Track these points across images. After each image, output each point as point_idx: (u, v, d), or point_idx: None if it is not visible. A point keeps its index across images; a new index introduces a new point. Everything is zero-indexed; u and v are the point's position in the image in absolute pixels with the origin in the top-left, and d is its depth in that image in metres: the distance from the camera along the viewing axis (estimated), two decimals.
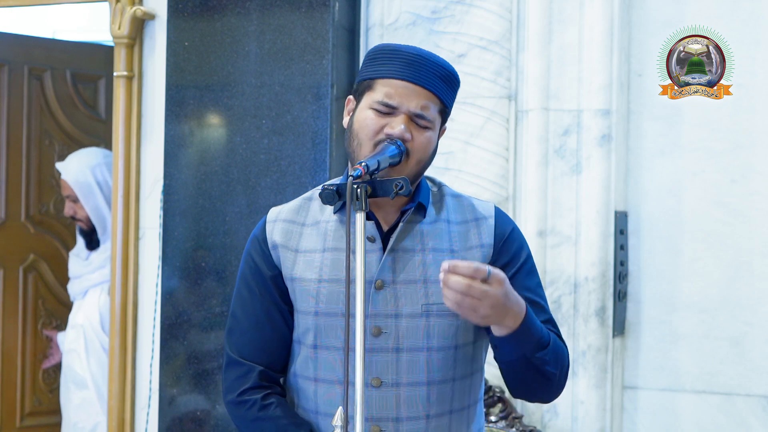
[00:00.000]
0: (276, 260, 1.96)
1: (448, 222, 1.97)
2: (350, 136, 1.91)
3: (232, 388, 1.98)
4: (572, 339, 3.28)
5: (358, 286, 1.69)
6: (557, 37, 3.32)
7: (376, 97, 1.88)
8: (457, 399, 1.96)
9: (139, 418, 3.81)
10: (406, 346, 1.90)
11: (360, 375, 1.65)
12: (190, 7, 3.57)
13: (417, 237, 1.93)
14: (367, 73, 1.92)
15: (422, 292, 1.91)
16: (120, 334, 3.80)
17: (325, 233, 1.94)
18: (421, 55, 1.90)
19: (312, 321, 1.92)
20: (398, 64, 1.88)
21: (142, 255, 3.82)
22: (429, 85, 1.88)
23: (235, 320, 2.00)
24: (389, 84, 1.88)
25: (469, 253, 1.94)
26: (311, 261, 1.93)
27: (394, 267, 1.91)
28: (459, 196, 2.02)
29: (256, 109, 3.48)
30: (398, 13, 3.44)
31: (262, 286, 1.97)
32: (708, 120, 3.31)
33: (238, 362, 1.98)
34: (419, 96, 1.88)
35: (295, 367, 1.97)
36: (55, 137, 4.49)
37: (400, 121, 1.86)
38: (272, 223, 1.99)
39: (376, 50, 1.94)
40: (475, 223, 1.98)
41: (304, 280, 1.93)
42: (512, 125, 3.35)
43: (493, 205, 2.03)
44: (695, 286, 3.32)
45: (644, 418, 3.37)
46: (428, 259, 1.92)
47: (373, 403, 1.89)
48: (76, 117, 4.55)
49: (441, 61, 1.92)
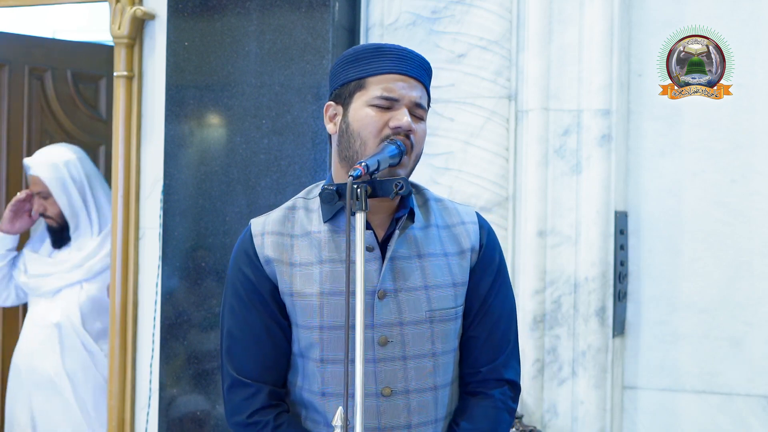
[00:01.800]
0: (271, 275, 1.93)
1: (437, 227, 1.99)
2: (348, 139, 1.90)
3: (240, 409, 1.94)
4: (572, 339, 3.28)
5: (359, 295, 1.68)
6: (557, 37, 3.32)
7: (373, 94, 1.88)
8: (455, 400, 2.01)
9: (139, 418, 3.82)
10: (413, 353, 1.91)
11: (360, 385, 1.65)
12: (190, 7, 3.57)
13: (412, 243, 1.94)
14: (353, 74, 1.91)
15: (425, 298, 1.92)
16: (120, 334, 3.79)
17: (318, 245, 1.92)
18: (405, 49, 1.93)
19: (317, 335, 1.90)
20: (389, 60, 1.89)
21: (142, 255, 3.82)
22: (419, 76, 1.92)
23: (234, 339, 1.96)
24: (385, 79, 1.89)
25: (461, 258, 1.97)
26: (309, 274, 1.91)
27: (395, 275, 1.91)
28: (441, 200, 2.04)
29: (256, 109, 3.48)
30: (398, 13, 3.44)
31: (259, 302, 1.93)
32: (708, 120, 3.31)
33: (243, 383, 1.94)
34: (414, 87, 1.90)
35: (301, 381, 1.95)
36: (55, 137, 4.49)
37: (403, 113, 1.88)
38: (260, 237, 1.95)
39: (356, 52, 1.93)
40: (462, 227, 2.00)
41: (305, 295, 1.91)
42: (512, 125, 3.35)
43: (474, 210, 2.06)
44: (695, 286, 3.32)
45: (644, 418, 3.37)
46: (426, 265, 1.93)
47: (384, 412, 1.90)
48: (76, 117, 4.55)
49: (420, 55, 1.95)
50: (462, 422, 1.97)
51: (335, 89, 1.94)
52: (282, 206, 2.01)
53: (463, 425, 1.97)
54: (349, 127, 1.90)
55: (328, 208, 1.92)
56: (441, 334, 1.93)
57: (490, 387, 2.00)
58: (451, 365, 1.97)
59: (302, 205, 1.98)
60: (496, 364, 2.00)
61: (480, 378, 2.00)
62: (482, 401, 1.99)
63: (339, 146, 1.93)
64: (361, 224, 1.71)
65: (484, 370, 2.00)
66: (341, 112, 1.93)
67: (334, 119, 1.94)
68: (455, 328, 1.96)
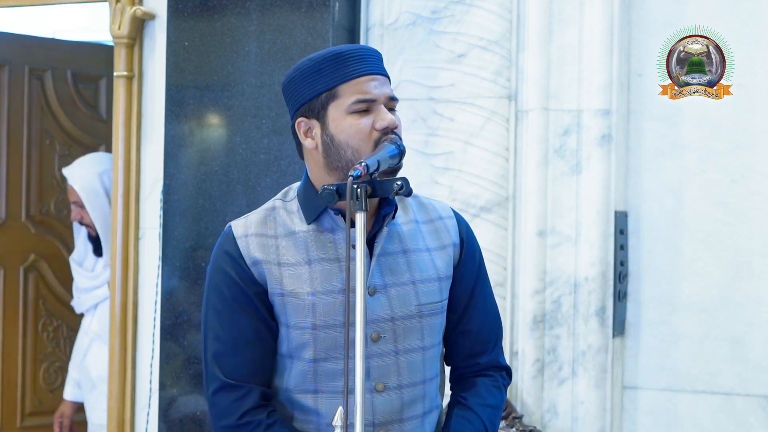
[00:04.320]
0: (259, 277, 1.91)
1: (417, 222, 2.00)
2: (336, 150, 1.88)
3: (229, 411, 1.91)
4: (572, 339, 3.28)
5: (359, 293, 1.68)
6: (557, 37, 3.32)
7: (348, 100, 1.87)
8: (440, 393, 2.05)
9: (139, 418, 3.81)
10: (404, 348, 1.93)
11: (360, 382, 1.65)
12: (190, 7, 3.57)
13: (396, 239, 1.95)
14: (321, 85, 1.89)
15: (413, 293, 1.94)
16: (120, 334, 3.79)
17: (305, 244, 1.92)
18: (362, 47, 1.94)
19: (309, 335, 1.89)
20: (353, 63, 1.89)
21: (142, 255, 3.82)
22: (382, 70, 1.93)
23: (221, 342, 1.93)
24: (356, 83, 1.88)
25: (443, 252, 1.99)
26: (298, 275, 1.90)
27: (383, 271, 1.92)
28: (416, 196, 2.04)
29: (256, 109, 3.48)
30: (398, 13, 3.44)
31: (246, 304, 1.91)
32: (708, 120, 3.31)
33: (233, 385, 1.91)
34: (384, 83, 1.91)
35: (288, 381, 1.94)
36: (55, 137, 4.49)
37: (383, 111, 1.88)
38: (244, 239, 1.93)
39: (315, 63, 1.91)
40: (441, 222, 2.02)
41: (296, 295, 1.90)
42: (512, 125, 3.35)
43: (448, 205, 2.08)
44: (695, 286, 3.32)
45: (644, 418, 3.37)
46: (411, 260, 1.95)
47: (379, 408, 1.91)
48: (76, 117, 4.55)
49: (372, 48, 1.97)
50: (469, 397, 2.01)
51: (303, 104, 1.91)
52: (260, 208, 2.00)
53: (470, 399, 2.01)
54: (335, 139, 1.88)
55: (311, 210, 1.92)
56: (429, 328, 1.96)
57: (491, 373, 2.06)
58: (437, 358, 2.01)
59: (281, 206, 1.97)
60: (493, 355, 2.05)
61: (479, 368, 2.05)
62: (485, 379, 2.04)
63: (327, 158, 1.90)
64: (361, 225, 1.71)
65: (482, 361, 2.04)
66: (318, 126, 1.90)
67: (309, 134, 1.92)
68: (441, 322, 1.99)
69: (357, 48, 1.92)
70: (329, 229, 1.92)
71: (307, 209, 1.93)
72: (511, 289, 3.33)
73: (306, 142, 1.93)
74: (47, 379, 4.52)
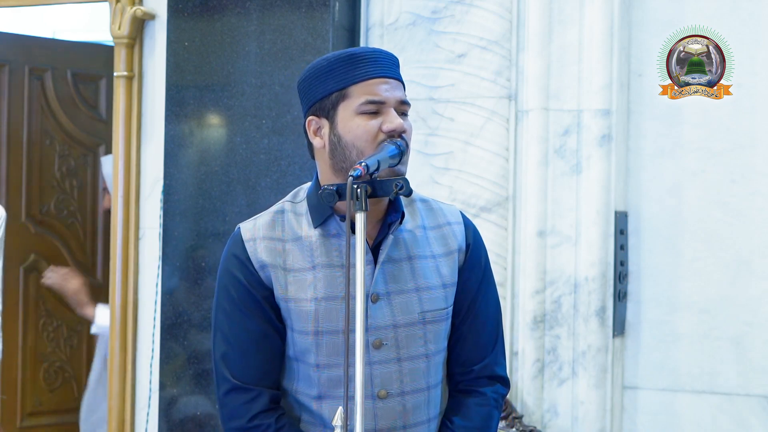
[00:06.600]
0: (266, 280, 1.91)
1: (424, 228, 1.98)
2: (342, 151, 1.88)
3: (239, 414, 1.92)
4: (572, 339, 3.28)
5: (359, 298, 1.68)
6: (557, 37, 3.32)
7: (358, 101, 1.86)
8: (445, 398, 2.03)
9: (139, 418, 3.82)
10: (407, 355, 1.92)
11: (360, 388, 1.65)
12: (190, 7, 3.57)
13: (401, 246, 1.94)
14: (333, 85, 1.88)
15: (416, 300, 1.93)
16: (120, 334, 3.80)
17: (310, 249, 1.92)
18: (377, 50, 1.92)
19: (312, 340, 1.90)
20: (366, 65, 1.87)
21: (142, 255, 3.82)
22: (396, 74, 1.91)
23: (230, 345, 1.93)
24: (367, 85, 1.86)
25: (449, 258, 1.98)
26: (303, 280, 1.90)
27: (387, 278, 1.91)
28: (426, 201, 2.03)
29: (256, 109, 3.48)
30: (398, 13, 3.44)
31: (255, 306, 1.91)
32: (708, 120, 3.31)
33: (243, 388, 1.92)
34: (396, 87, 1.89)
35: (296, 385, 1.94)
36: (55, 137, 4.49)
37: (392, 114, 1.86)
38: (252, 242, 1.93)
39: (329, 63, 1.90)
40: (448, 227, 2.00)
41: (299, 300, 1.90)
42: (512, 125, 3.35)
43: (458, 209, 2.06)
44: (695, 286, 3.32)
45: (644, 418, 3.37)
46: (416, 267, 1.94)
47: (382, 415, 1.91)
48: (76, 117, 4.55)
49: (389, 52, 1.95)
50: (455, 419, 1.99)
51: (314, 103, 1.91)
52: (269, 210, 1.99)
53: (456, 422, 1.98)
54: (342, 139, 1.88)
55: (318, 214, 1.92)
56: (433, 334, 1.94)
57: (483, 385, 2.01)
58: (441, 365, 1.99)
59: (290, 209, 1.97)
60: (488, 362, 2.02)
61: (473, 376, 2.01)
62: (475, 398, 2.00)
63: (333, 159, 1.90)
64: (361, 225, 1.71)
65: (476, 368, 2.01)
66: (327, 125, 1.90)
67: (318, 133, 1.92)
68: (446, 329, 1.97)
69: (372, 50, 1.91)
70: (335, 234, 1.91)
71: (315, 212, 1.93)
72: (511, 289, 3.33)
73: (315, 141, 1.93)
74: (47, 379, 4.52)
